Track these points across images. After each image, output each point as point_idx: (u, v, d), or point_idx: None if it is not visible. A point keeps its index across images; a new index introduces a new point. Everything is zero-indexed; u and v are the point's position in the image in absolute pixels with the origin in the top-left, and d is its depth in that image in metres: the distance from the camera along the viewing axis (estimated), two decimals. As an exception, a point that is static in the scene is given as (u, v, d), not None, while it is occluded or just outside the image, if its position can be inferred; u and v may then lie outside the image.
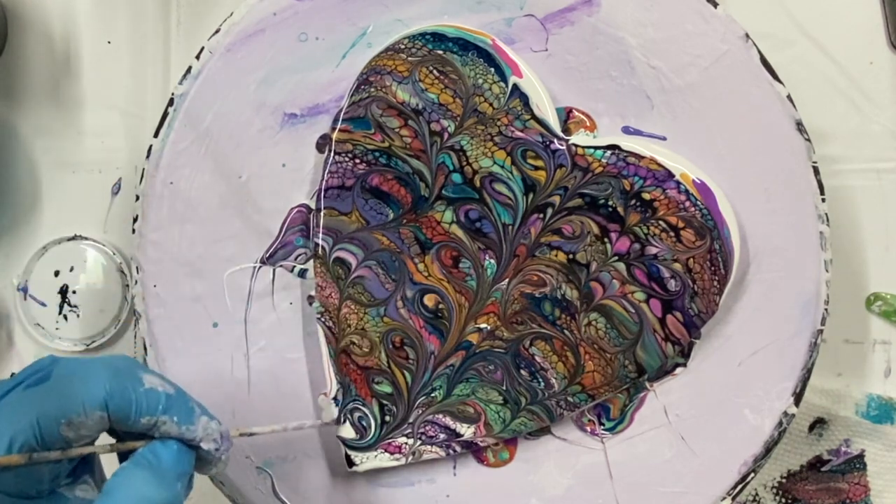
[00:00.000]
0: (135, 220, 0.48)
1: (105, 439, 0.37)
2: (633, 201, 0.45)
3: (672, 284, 0.44)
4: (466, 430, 0.47)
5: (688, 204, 0.44)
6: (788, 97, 0.44)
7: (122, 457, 0.37)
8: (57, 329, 0.53)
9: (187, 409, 0.36)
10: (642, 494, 0.46)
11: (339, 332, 0.48)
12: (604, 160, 0.45)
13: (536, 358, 0.46)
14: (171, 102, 0.48)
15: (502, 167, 0.46)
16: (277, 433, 0.44)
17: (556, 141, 0.45)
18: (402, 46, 0.46)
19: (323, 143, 0.48)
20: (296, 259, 0.49)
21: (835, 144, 0.50)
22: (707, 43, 0.44)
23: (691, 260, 0.44)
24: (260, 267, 0.49)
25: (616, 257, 0.45)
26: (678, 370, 0.47)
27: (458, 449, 0.47)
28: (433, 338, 0.47)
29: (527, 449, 0.48)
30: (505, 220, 0.46)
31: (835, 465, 0.50)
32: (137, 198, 0.48)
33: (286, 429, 0.44)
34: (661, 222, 0.44)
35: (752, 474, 0.45)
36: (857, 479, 0.50)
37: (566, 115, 0.47)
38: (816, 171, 0.44)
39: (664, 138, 0.46)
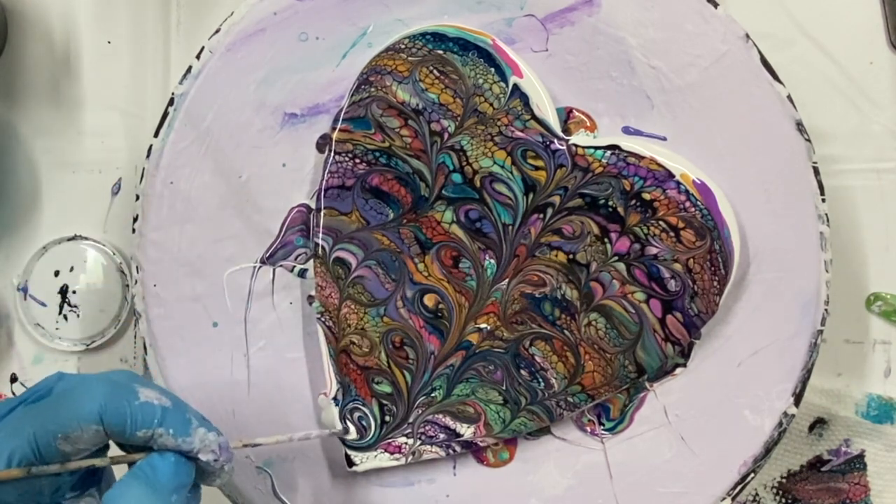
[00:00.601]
0: (135, 219, 0.48)
1: (115, 451, 0.38)
2: (633, 201, 0.45)
3: (672, 285, 0.44)
4: (466, 430, 0.47)
5: (688, 204, 0.44)
6: (788, 97, 0.44)
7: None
8: (57, 329, 0.53)
9: (183, 420, 0.37)
10: (642, 494, 0.46)
11: (339, 332, 0.48)
12: (604, 160, 0.45)
13: (536, 358, 0.46)
14: (171, 102, 0.48)
15: (502, 167, 0.46)
16: (283, 443, 0.44)
17: (556, 141, 0.45)
18: (403, 46, 0.46)
19: (323, 143, 0.48)
20: (296, 259, 0.49)
21: (835, 144, 0.50)
22: (707, 43, 0.44)
23: (691, 260, 0.44)
24: (260, 267, 0.49)
25: (616, 257, 0.45)
26: (678, 370, 0.47)
27: (457, 449, 0.47)
28: (433, 338, 0.47)
29: (527, 449, 0.48)
30: (505, 220, 0.46)
31: (835, 465, 0.50)
32: (137, 197, 0.48)
33: (291, 439, 0.44)
34: (661, 222, 0.44)
35: (752, 475, 0.45)
36: (857, 479, 0.50)
37: (566, 115, 0.47)
38: (816, 171, 0.44)
39: (664, 138, 0.46)
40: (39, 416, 0.36)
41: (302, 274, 0.49)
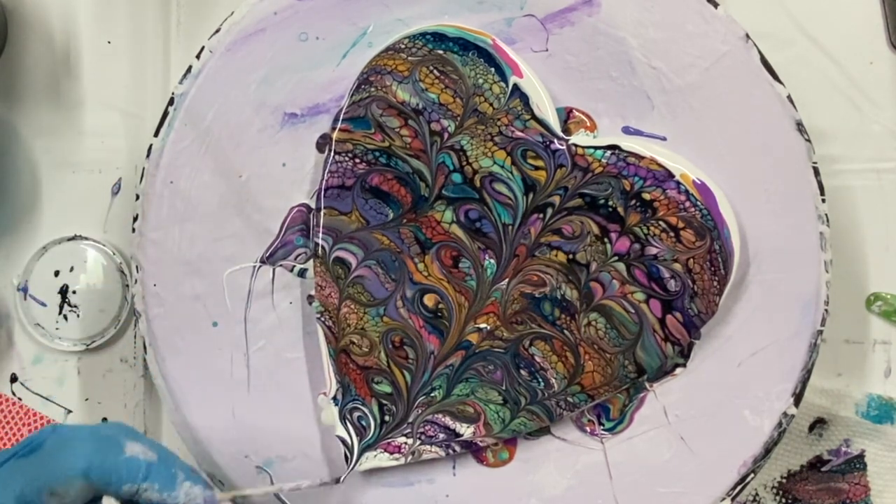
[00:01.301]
0: (135, 219, 0.48)
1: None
2: (633, 201, 0.45)
3: (672, 285, 0.44)
4: (466, 430, 0.47)
5: (688, 204, 0.44)
6: (789, 98, 0.44)
7: None
8: (57, 329, 0.53)
9: (169, 475, 0.37)
10: (642, 494, 0.46)
11: (339, 332, 0.48)
12: (604, 160, 0.45)
13: (536, 358, 0.46)
14: (171, 101, 0.48)
15: (502, 167, 0.46)
16: (271, 494, 0.45)
17: (556, 141, 0.45)
18: (403, 46, 0.46)
19: (323, 143, 0.48)
20: (296, 258, 0.49)
21: (835, 144, 0.50)
22: (707, 43, 0.44)
23: (691, 260, 0.44)
24: (260, 266, 0.49)
25: (616, 257, 0.45)
26: (678, 370, 0.47)
27: (457, 449, 0.47)
28: (433, 337, 0.47)
29: (526, 449, 0.48)
30: (505, 220, 0.46)
31: (835, 465, 0.50)
32: (137, 197, 0.48)
33: (282, 489, 0.45)
34: (661, 223, 0.44)
35: (752, 475, 0.45)
36: (857, 479, 0.50)
37: (566, 115, 0.47)
38: (816, 171, 0.44)
39: (664, 138, 0.46)
40: (28, 470, 0.36)
41: (302, 274, 0.49)
